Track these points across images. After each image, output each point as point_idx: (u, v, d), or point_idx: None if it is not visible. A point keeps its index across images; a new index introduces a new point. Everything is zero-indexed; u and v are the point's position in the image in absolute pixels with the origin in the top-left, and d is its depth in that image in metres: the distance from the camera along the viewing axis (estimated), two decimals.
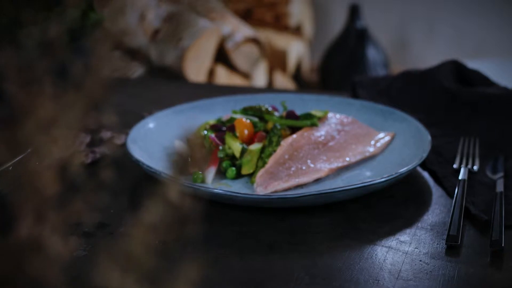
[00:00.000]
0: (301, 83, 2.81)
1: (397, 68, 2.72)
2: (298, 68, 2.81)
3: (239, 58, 2.31)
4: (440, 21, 2.40)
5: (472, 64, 1.30)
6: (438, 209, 0.92)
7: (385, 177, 0.91)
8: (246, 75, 2.39)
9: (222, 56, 2.30)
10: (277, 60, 2.67)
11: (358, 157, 1.01)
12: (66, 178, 0.80)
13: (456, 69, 1.22)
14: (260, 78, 2.48)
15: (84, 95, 0.45)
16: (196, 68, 2.15)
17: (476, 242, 0.84)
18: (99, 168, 1.04)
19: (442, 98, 1.17)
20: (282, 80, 2.63)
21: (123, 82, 1.48)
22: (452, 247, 0.83)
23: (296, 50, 2.75)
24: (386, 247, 0.83)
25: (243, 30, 2.33)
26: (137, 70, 1.84)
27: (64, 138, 0.47)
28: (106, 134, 1.14)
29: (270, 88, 2.57)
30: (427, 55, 2.67)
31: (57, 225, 0.60)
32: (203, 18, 2.21)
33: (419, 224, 0.88)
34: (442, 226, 0.87)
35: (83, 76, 0.46)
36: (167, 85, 1.49)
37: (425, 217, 0.90)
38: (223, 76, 2.28)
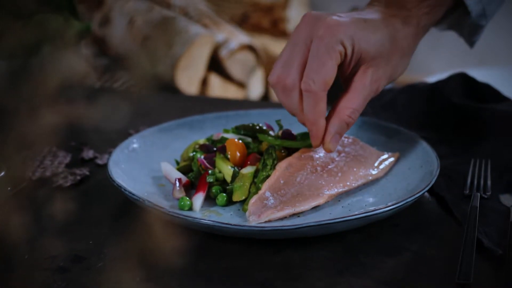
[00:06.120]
0: None
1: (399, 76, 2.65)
2: None
3: (234, 67, 2.24)
4: None
5: (476, 72, 1.24)
6: (448, 240, 0.85)
7: (389, 206, 0.83)
8: (241, 84, 2.31)
9: (216, 65, 2.23)
10: None
11: (360, 182, 0.93)
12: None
13: (465, 82, 1.14)
14: (256, 87, 2.41)
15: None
16: (189, 77, 2.08)
17: (490, 280, 0.77)
18: (79, 192, 0.97)
19: (450, 115, 1.10)
20: None
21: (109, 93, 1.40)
22: (463, 285, 0.75)
23: None
24: (390, 285, 0.76)
25: (238, 37, 2.26)
26: (124, 80, 1.76)
27: None
28: (88, 154, 1.06)
29: (265, 99, 2.50)
30: (430, 63, 2.60)
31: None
32: (196, 25, 2.14)
33: (426, 258, 0.81)
34: (452, 261, 0.80)
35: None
36: (156, 97, 1.41)
37: (433, 250, 0.83)
38: (217, 86, 2.21)
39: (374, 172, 0.95)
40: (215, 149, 0.97)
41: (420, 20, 0.91)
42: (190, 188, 0.94)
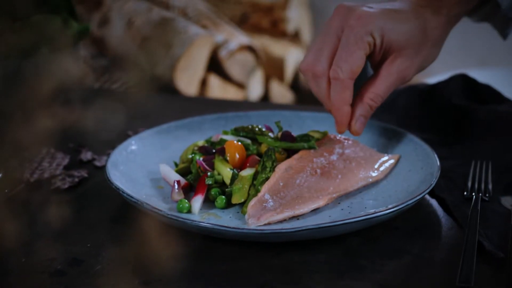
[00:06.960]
0: (300, 92, 2.72)
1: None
2: (296, 77, 2.73)
3: (234, 67, 2.23)
4: None
5: (477, 73, 1.23)
6: (449, 243, 0.84)
7: (389, 208, 0.82)
8: (241, 85, 2.30)
9: (215, 65, 2.22)
10: (274, 69, 2.59)
11: (360, 184, 0.92)
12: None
13: (465, 83, 1.14)
14: (255, 88, 2.40)
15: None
16: (188, 78, 2.07)
17: (491, 283, 0.76)
18: (77, 194, 0.96)
19: (451, 116, 1.09)
20: (279, 90, 2.55)
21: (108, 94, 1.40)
22: None
23: (294, 58, 2.67)
24: None
25: (238, 38, 2.25)
26: (123, 81, 1.76)
27: None
28: (86, 156, 1.06)
29: (265, 100, 2.49)
30: (431, 64, 2.59)
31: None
32: (195, 25, 2.13)
33: (427, 261, 0.80)
34: (453, 264, 0.79)
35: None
36: (155, 98, 1.41)
37: (434, 253, 0.82)
38: (217, 86, 2.20)
39: (374, 174, 0.95)
40: (214, 151, 0.97)
41: (451, 9, 0.92)
42: (189, 191, 0.93)
